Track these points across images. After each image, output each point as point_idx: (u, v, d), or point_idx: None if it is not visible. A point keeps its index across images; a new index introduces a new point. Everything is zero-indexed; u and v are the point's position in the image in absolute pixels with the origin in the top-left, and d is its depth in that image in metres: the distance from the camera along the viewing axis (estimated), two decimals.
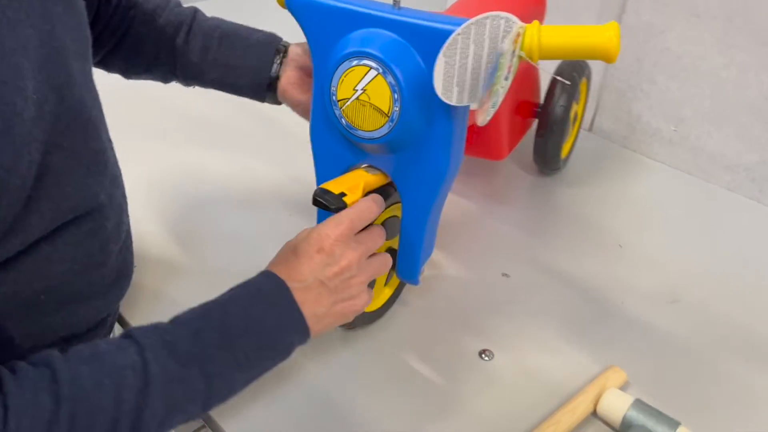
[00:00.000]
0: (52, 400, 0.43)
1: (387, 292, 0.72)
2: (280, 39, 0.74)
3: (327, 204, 0.60)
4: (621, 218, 0.88)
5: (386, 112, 0.59)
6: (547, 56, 0.57)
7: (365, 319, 0.69)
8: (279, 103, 0.75)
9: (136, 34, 0.72)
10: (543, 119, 0.88)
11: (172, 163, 0.95)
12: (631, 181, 0.96)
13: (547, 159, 0.91)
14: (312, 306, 0.55)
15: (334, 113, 0.61)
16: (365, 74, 0.58)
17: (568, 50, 0.56)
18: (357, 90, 0.59)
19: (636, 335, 0.71)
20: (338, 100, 0.60)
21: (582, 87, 0.93)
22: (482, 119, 0.55)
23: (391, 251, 0.67)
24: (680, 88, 0.94)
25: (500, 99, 0.57)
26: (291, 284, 0.55)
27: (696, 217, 0.89)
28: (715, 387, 0.66)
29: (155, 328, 0.51)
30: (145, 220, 0.83)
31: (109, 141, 0.60)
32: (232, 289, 0.55)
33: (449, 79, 0.55)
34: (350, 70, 0.59)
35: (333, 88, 0.60)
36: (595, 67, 0.97)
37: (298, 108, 0.74)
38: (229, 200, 0.89)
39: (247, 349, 0.52)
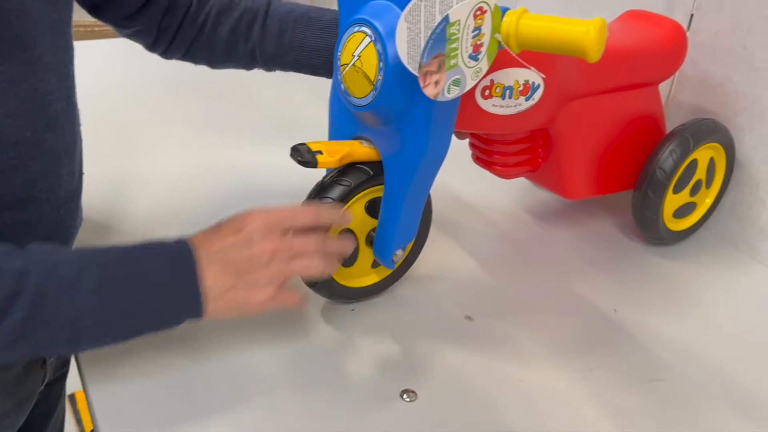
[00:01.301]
0: None
1: (372, 278, 0.70)
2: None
3: (299, 157, 0.62)
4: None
5: (372, 81, 0.59)
6: (526, 45, 0.54)
7: (340, 292, 0.69)
8: None
9: (215, 25, 0.76)
10: (645, 169, 0.79)
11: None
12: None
13: (644, 221, 0.81)
14: (210, 279, 0.54)
15: (337, 78, 0.63)
16: (362, 41, 0.60)
17: (546, 41, 0.52)
18: (354, 56, 0.61)
19: None
20: (341, 65, 0.62)
21: (712, 154, 0.82)
22: (431, 92, 0.53)
23: (375, 231, 0.67)
24: None
25: (467, 80, 0.55)
26: (198, 252, 0.54)
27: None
28: None
29: (53, 248, 0.51)
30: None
31: (64, 91, 0.59)
32: (143, 242, 0.54)
33: (415, 47, 0.54)
34: (352, 35, 0.61)
35: (338, 53, 0.62)
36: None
37: None
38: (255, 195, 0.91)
39: (126, 297, 0.51)
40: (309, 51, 0.76)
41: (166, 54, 0.80)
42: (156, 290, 0.52)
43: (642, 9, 0.88)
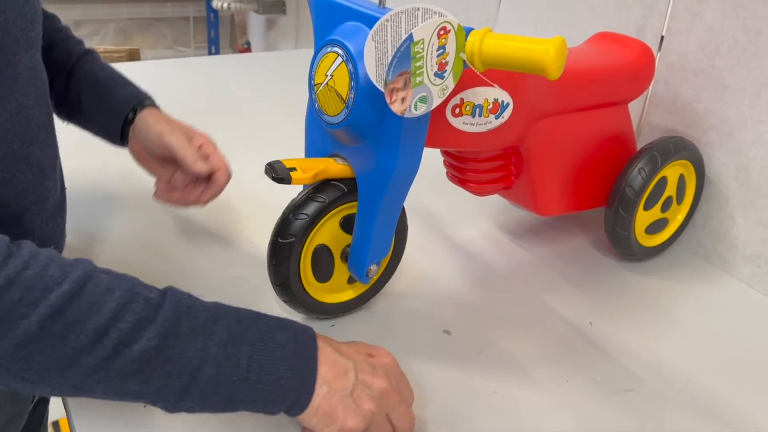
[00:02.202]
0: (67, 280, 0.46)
1: (348, 294, 0.72)
2: (140, 99, 0.77)
3: (274, 173, 0.63)
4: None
5: (344, 99, 0.61)
6: (490, 63, 0.55)
7: (313, 307, 0.70)
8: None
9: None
10: (615, 187, 0.81)
11: None
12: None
13: (616, 238, 0.83)
14: (325, 375, 0.53)
15: (312, 97, 0.65)
16: (334, 61, 0.62)
17: (508, 59, 0.54)
18: (327, 75, 0.62)
19: None
20: (315, 84, 0.64)
21: (682, 171, 0.84)
22: (398, 108, 0.55)
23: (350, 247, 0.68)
24: None
25: (433, 97, 0.57)
26: (321, 345, 0.54)
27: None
28: None
29: (190, 295, 0.51)
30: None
31: (43, 106, 0.61)
32: (272, 315, 0.54)
33: (383, 66, 0.56)
34: (325, 56, 0.63)
35: (312, 73, 0.64)
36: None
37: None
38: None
39: (249, 358, 0.50)
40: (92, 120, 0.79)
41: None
42: (277, 362, 0.51)
43: (613, 31, 0.91)
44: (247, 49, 2.27)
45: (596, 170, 0.83)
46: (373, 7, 0.62)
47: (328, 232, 0.68)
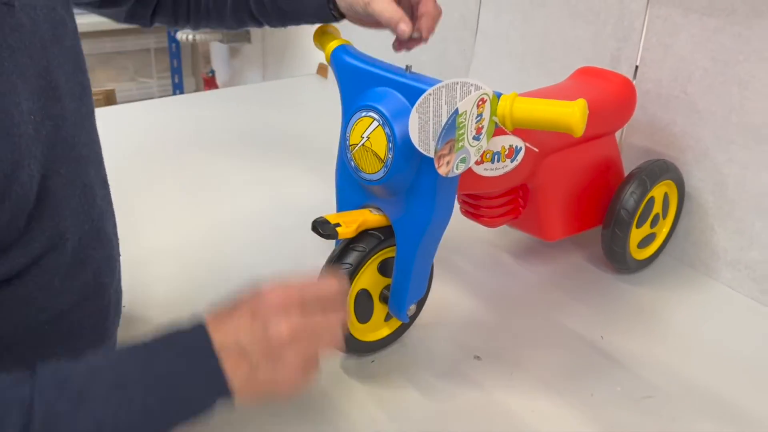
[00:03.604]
0: None
1: (385, 330, 0.78)
2: None
3: (321, 231, 0.69)
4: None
5: (382, 159, 0.67)
6: (520, 124, 0.62)
7: (357, 347, 0.76)
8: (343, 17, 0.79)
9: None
10: (610, 210, 0.89)
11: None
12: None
13: (613, 255, 0.91)
14: (229, 369, 0.50)
15: (346, 156, 0.71)
16: (370, 124, 0.68)
17: (537, 121, 0.61)
18: (363, 137, 0.68)
19: None
20: (350, 145, 0.70)
21: (666, 190, 0.93)
22: (444, 170, 0.62)
23: (387, 289, 0.74)
24: None
25: (471, 157, 0.63)
26: (214, 339, 0.50)
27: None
28: None
29: (57, 364, 0.48)
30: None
31: (101, 179, 0.65)
32: (156, 334, 0.51)
33: (425, 132, 0.62)
34: (360, 119, 0.69)
35: (347, 135, 0.70)
36: None
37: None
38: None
39: (144, 397, 0.47)
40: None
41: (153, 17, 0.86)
42: (176, 386, 0.49)
43: (590, 63, 0.99)
44: (212, 77, 2.29)
45: (592, 194, 0.91)
46: (401, 72, 0.68)
47: (368, 277, 0.74)
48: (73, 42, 0.61)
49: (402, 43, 0.76)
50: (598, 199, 0.92)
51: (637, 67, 0.99)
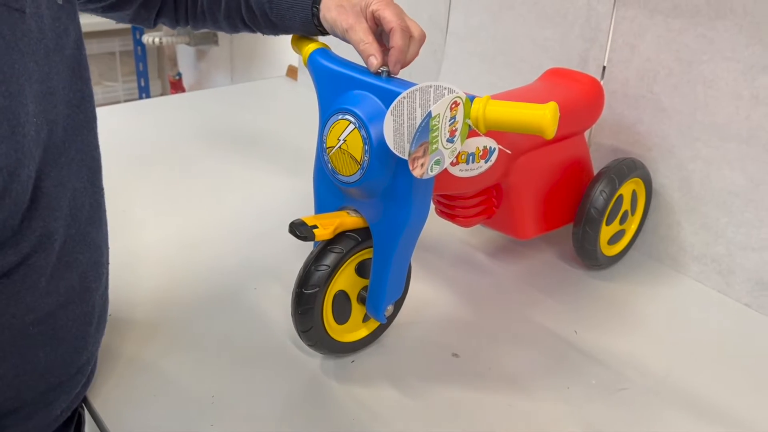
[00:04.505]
0: None
1: (363, 331, 0.78)
2: None
3: (298, 233, 0.69)
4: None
5: (359, 161, 0.68)
6: (493, 127, 0.64)
7: (336, 348, 0.76)
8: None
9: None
10: (580, 208, 0.91)
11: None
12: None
13: (584, 252, 0.93)
14: None
15: (324, 159, 0.71)
16: (346, 127, 0.68)
17: (510, 124, 0.62)
18: (340, 140, 0.69)
19: None
20: (327, 147, 0.71)
21: (634, 188, 0.95)
22: (418, 172, 0.63)
23: (365, 290, 0.75)
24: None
25: (445, 159, 0.64)
26: None
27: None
28: None
29: None
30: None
31: (94, 186, 0.66)
32: None
33: (400, 135, 0.63)
34: (336, 122, 0.69)
35: (324, 137, 0.71)
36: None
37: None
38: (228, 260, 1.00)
39: None
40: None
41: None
42: None
43: (559, 64, 1.01)
44: (179, 80, 2.27)
45: (563, 193, 0.93)
46: (374, 77, 0.69)
47: (346, 279, 0.75)
48: (74, 51, 0.61)
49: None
50: (568, 198, 0.93)
51: (604, 67, 1.01)
